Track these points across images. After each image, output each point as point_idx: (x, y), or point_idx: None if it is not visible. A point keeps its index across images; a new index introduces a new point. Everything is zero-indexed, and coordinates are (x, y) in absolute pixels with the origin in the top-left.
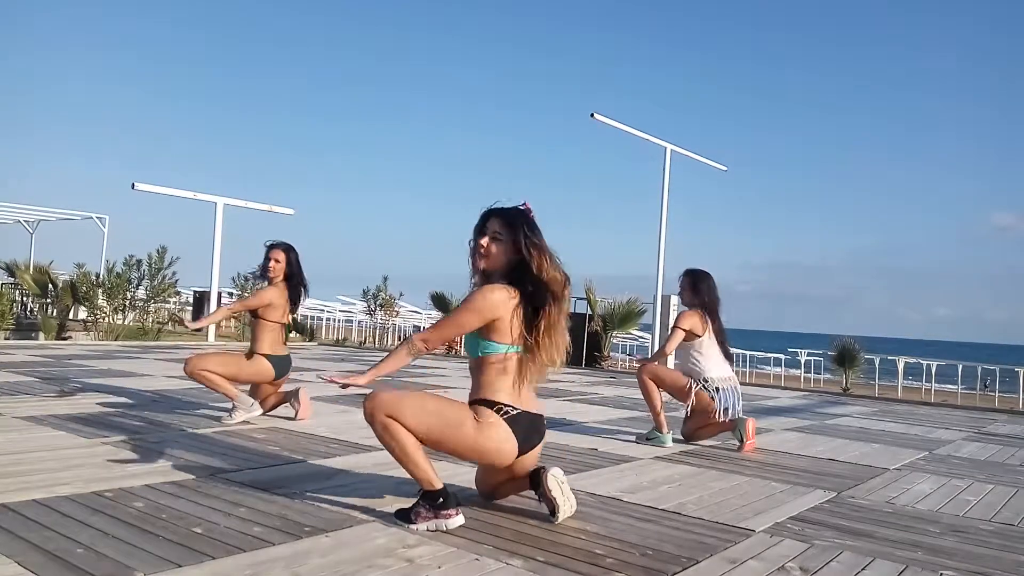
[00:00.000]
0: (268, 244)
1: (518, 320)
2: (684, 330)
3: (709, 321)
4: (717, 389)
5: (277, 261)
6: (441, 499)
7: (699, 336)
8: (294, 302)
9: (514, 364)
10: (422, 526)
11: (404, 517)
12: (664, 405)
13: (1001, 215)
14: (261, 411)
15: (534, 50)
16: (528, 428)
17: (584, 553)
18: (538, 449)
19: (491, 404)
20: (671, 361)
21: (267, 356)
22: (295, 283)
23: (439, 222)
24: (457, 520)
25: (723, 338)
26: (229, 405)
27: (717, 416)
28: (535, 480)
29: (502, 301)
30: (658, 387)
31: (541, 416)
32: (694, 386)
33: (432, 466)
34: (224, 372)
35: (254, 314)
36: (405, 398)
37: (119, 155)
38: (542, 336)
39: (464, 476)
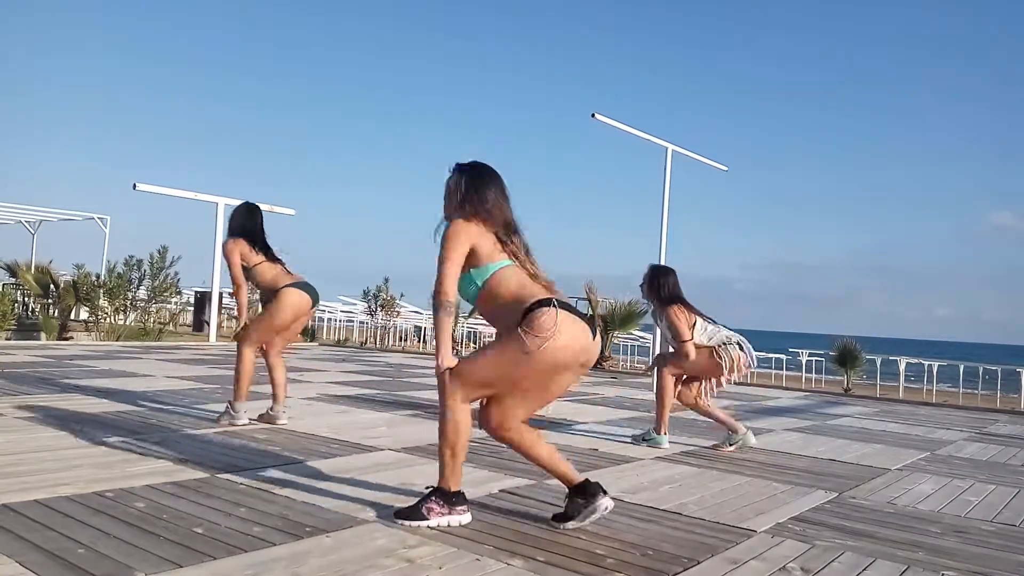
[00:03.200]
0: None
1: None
2: (691, 325)
3: (686, 309)
4: (739, 344)
5: None
6: (455, 497)
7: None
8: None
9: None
10: (434, 521)
11: (410, 515)
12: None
13: (999, 215)
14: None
15: (534, 50)
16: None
17: (585, 553)
18: None
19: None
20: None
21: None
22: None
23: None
24: (467, 518)
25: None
26: (222, 408)
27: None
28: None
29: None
30: (687, 377)
31: None
32: (721, 350)
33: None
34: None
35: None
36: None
37: (120, 155)
38: None
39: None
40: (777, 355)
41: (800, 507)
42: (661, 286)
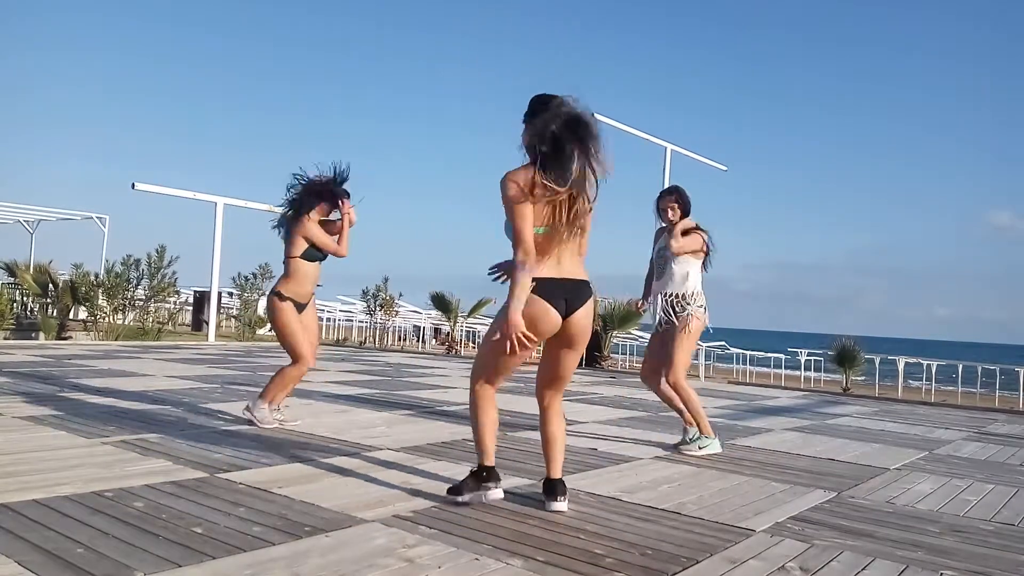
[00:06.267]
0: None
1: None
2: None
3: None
4: (703, 307)
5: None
6: (485, 473)
7: (705, 255)
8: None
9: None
10: (465, 497)
11: (453, 491)
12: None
13: (999, 215)
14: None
15: (535, 50)
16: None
17: (584, 553)
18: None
19: None
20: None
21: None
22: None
23: (439, 223)
24: (496, 494)
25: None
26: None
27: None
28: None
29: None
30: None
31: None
32: (697, 318)
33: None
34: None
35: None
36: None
37: (119, 155)
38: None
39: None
40: (776, 355)
41: (799, 506)
42: (688, 201)
